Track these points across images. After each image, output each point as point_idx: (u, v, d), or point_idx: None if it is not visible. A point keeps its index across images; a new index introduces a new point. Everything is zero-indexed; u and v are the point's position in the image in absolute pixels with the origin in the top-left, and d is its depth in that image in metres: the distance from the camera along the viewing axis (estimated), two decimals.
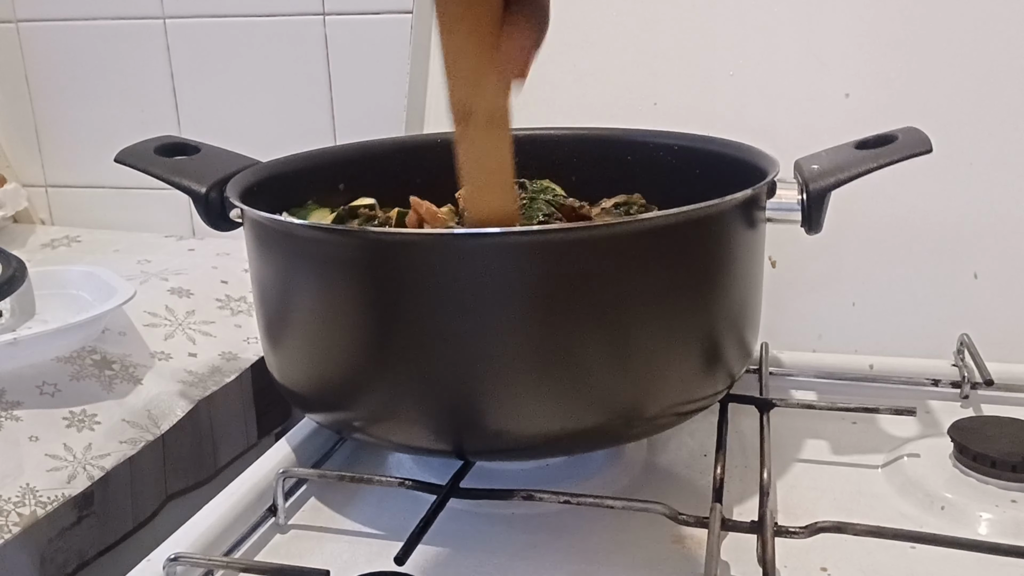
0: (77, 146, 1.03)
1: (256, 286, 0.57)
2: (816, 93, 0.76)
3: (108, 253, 0.92)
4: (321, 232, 0.51)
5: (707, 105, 0.78)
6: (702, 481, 0.58)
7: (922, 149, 0.56)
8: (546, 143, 0.71)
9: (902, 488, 0.55)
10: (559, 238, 0.49)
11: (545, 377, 0.49)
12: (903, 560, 0.48)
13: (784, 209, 0.57)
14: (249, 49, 0.94)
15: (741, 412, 0.61)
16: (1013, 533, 0.50)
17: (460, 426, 0.51)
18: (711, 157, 0.64)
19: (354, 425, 0.54)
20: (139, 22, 0.97)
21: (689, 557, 0.50)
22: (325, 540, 0.53)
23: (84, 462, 0.59)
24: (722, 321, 0.54)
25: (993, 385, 0.64)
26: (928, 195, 0.73)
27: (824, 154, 0.60)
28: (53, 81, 1.02)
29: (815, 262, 0.74)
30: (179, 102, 0.99)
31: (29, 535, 0.55)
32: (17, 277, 0.64)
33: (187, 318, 0.76)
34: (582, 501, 0.51)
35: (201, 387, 0.70)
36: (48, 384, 0.63)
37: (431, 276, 0.48)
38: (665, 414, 0.53)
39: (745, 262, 0.56)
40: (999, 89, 0.72)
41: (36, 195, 1.06)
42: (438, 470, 0.57)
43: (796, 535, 0.48)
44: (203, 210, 0.60)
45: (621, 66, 0.80)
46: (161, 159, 0.63)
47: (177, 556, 0.47)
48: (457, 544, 0.52)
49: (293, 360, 0.55)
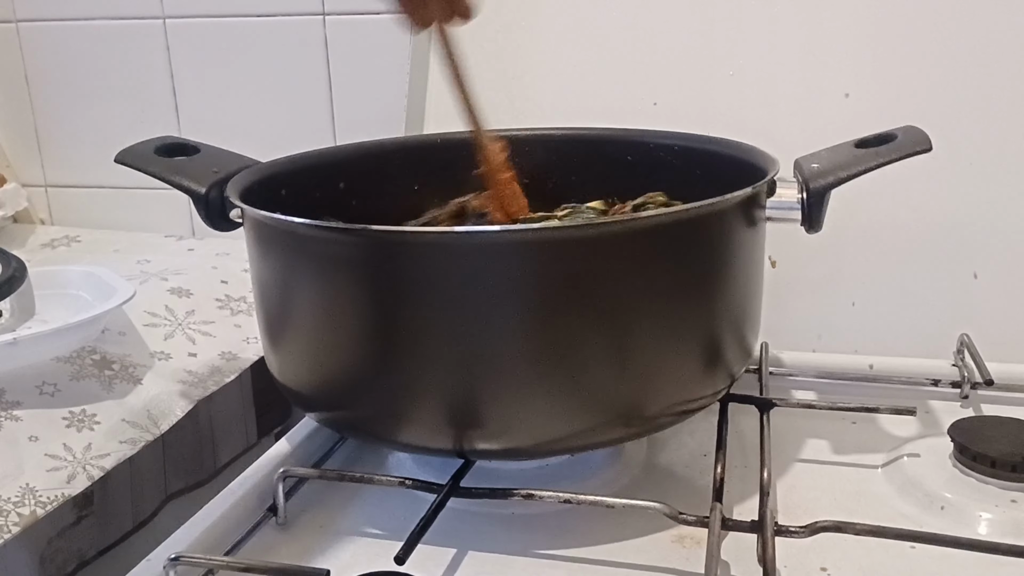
0: (77, 146, 1.03)
1: (256, 286, 0.57)
2: (816, 93, 0.76)
3: (108, 253, 0.92)
4: (321, 231, 0.51)
5: (707, 105, 0.78)
6: (702, 481, 0.58)
7: (922, 148, 0.56)
8: (546, 143, 0.71)
9: (902, 488, 0.55)
10: (559, 236, 0.49)
11: (545, 376, 0.49)
12: (903, 560, 0.48)
13: (784, 208, 0.57)
14: (249, 49, 0.94)
15: (741, 412, 0.61)
16: (1013, 533, 0.50)
17: (460, 425, 0.51)
18: (711, 157, 0.64)
19: (354, 424, 0.54)
20: (139, 22, 0.97)
21: (689, 557, 0.50)
22: (325, 540, 0.53)
23: (84, 462, 0.59)
24: (722, 321, 0.54)
25: (993, 385, 0.64)
26: (928, 195, 0.73)
27: (824, 153, 0.60)
28: (53, 81, 1.02)
29: (815, 262, 0.74)
30: (179, 102, 0.99)
31: (29, 535, 0.55)
32: (17, 277, 0.64)
33: (187, 318, 0.76)
34: (582, 501, 0.51)
35: (201, 387, 0.70)
36: (48, 384, 0.63)
37: (431, 275, 0.48)
38: (665, 413, 0.53)
39: (745, 262, 0.56)
40: (999, 89, 0.72)
41: (36, 195, 1.06)
42: (438, 469, 0.57)
43: (796, 535, 0.48)
44: (203, 210, 0.60)
45: (621, 66, 0.80)
46: (161, 159, 0.63)
47: (177, 556, 0.47)
48: (457, 544, 0.52)
49: (293, 359, 0.55)
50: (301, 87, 0.94)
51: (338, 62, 0.92)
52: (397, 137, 0.78)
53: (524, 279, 0.48)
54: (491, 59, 0.83)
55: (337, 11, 0.91)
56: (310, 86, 0.94)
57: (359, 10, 0.90)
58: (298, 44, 0.93)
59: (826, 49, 0.76)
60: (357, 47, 0.91)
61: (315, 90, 0.94)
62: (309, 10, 0.92)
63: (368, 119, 0.92)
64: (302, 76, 0.94)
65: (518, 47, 0.82)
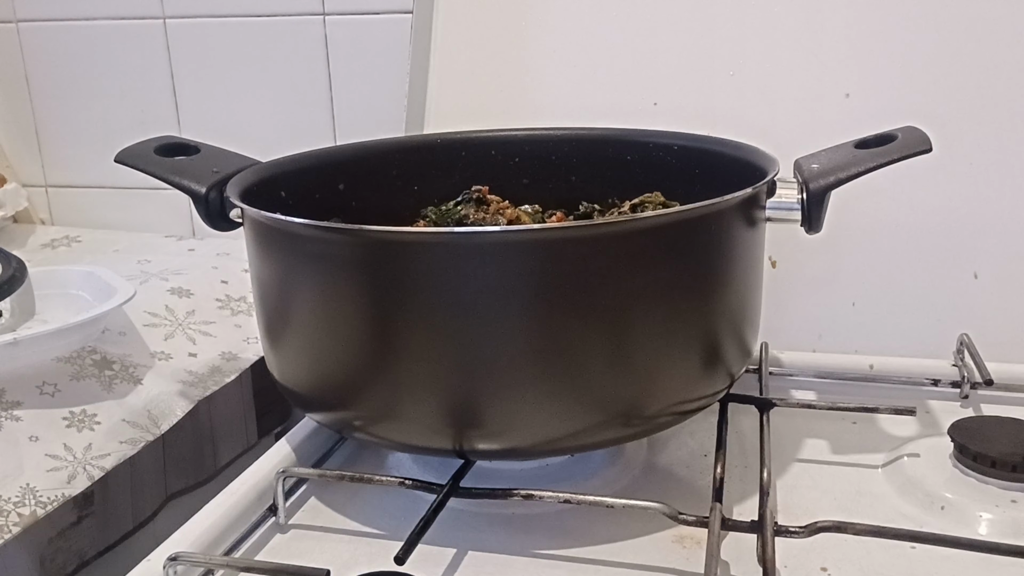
0: (77, 146, 1.03)
1: (256, 286, 0.57)
2: (816, 93, 0.76)
3: (108, 253, 0.92)
4: (321, 231, 0.51)
5: (707, 105, 0.78)
6: (702, 481, 0.58)
7: (922, 148, 0.56)
8: (546, 143, 0.71)
9: (902, 488, 0.55)
10: (559, 237, 0.49)
11: (545, 376, 0.49)
12: (903, 560, 0.48)
13: (784, 208, 0.57)
14: (249, 49, 0.94)
15: (741, 412, 0.61)
16: (1013, 533, 0.50)
17: (460, 425, 0.51)
18: (711, 157, 0.64)
19: (354, 424, 0.54)
20: (139, 22, 0.97)
21: (689, 557, 0.50)
22: (325, 540, 0.53)
23: (84, 462, 0.59)
24: (722, 321, 0.54)
25: (993, 385, 0.64)
26: (928, 195, 0.73)
27: (824, 153, 0.60)
28: (53, 81, 1.02)
29: (815, 262, 0.74)
30: (179, 102, 0.99)
31: (29, 535, 0.55)
32: (17, 277, 0.64)
33: (187, 318, 0.76)
34: (582, 501, 0.51)
35: (201, 387, 0.70)
36: (48, 384, 0.63)
37: (431, 275, 0.48)
38: (665, 413, 0.53)
39: (745, 262, 0.56)
40: (999, 89, 0.72)
41: (36, 195, 1.06)
42: (438, 469, 0.57)
43: (796, 535, 0.48)
44: (203, 210, 0.60)
45: (621, 66, 0.80)
46: (161, 159, 0.63)
47: (177, 556, 0.47)
48: (457, 544, 0.52)
49: (293, 360, 0.55)
50: (301, 87, 0.94)
51: (338, 62, 0.92)
52: (397, 137, 0.78)
53: (524, 279, 0.48)
54: (491, 59, 0.83)
55: (337, 11, 0.91)
56: (310, 86, 0.94)
57: (359, 10, 0.90)
58: (298, 44, 0.93)
59: (826, 49, 0.76)
60: (357, 47, 0.91)
61: (315, 90, 0.94)
62: (309, 10, 0.92)
63: (368, 119, 0.92)
64: (302, 76, 0.94)
65: (518, 47, 0.82)
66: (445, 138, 0.72)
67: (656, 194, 0.64)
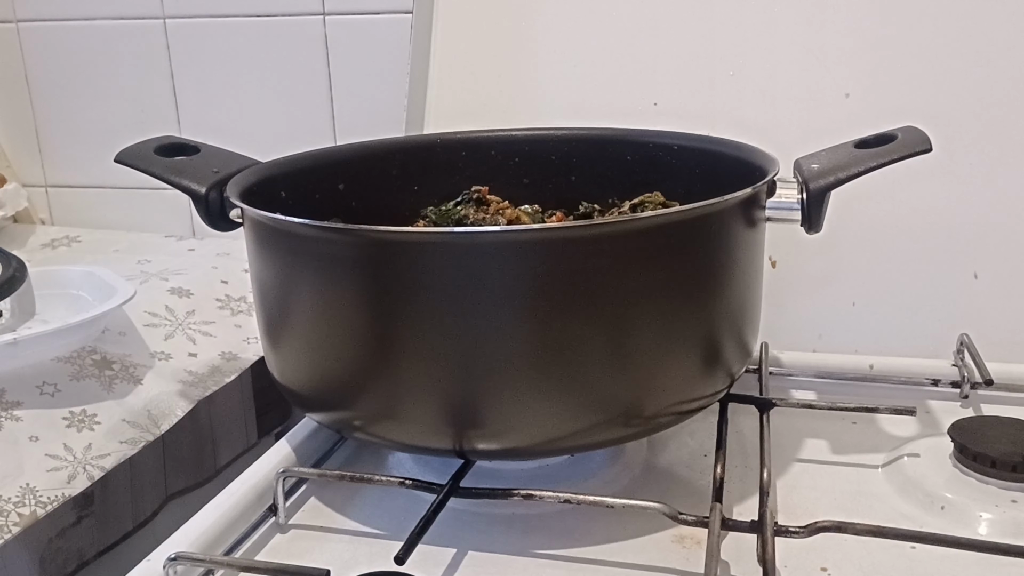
0: (77, 146, 1.03)
1: (256, 286, 0.57)
2: (816, 93, 0.76)
3: (108, 253, 0.92)
4: (321, 231, 0.51)
5: (707, 105, 0.78)
6: (702, 481, 0.58)
7: (922, 148, 0.56)
8: (546, 143, 0.71)
9: (902, 488, 0.55)
10: (559, 236, 0.49)
11: (544, 376, 0.49)
12: (903, 560, 0.48)
13: (784, 208, 0.57)
14: (249, 49, 0.94)
15: (741, 412, 0.61)
16: (1013, 533, 0.50)
17: (460, 425, 0.51)
18: (711, 157, 0.64)
19: (354, 424, 0.54)
20: (139, 22, 0.97)
21: (689, 557, 0.50)
22: (325, 540, 0.53)
23: (84, 462, 0.59)
24: (722, 321, 0.54)
25: (993, 385, 0.64)
26: (928, 195, 0.73)
27: (824, 153, 0.60)
28: (53, 81, 1.02)
29: (815, 262, 0.74)
30: (179, 102, 0.99)
31: (29, 535, 0.55)
32: (17, 277, 0.64)
33: (187, 318, 0.76)
34: (582, 501, 0.51)
35: (201, 387, 0.70)
36: (48, 384, 0.63)
37: (431, 275, 0.48)
38: (665, 413, 0.53)
39: (745, 262, 0.56)
40: (999, 89, 0.72)
41: (36, 195, 1.06)
42: (438, 469, 0.57)
43: (796, 535, 0.48)
44: (203, 210, 0.60)
45: (621, 66, 0.80)
46: (161, 159, 0.63)
47: (177, 556, 0.47)
48: (457, 544, 0.52)
49: (293, 360, 0.55)
50: (301, 87, 0.94)
51: (338, 62, 0.92)
52: (397, 137, 0.78)
53: (524, 279, 0.48)
54: (491, 59, 0.83)
55: (337, 11, 0.91)
56: (310, 86, 0.94)
57: (359, 10, 0.90)
58: (298, 44, 0.93)
59: (826, 49, 0.76)
60: (357, 47, 0.91)
61: (315, 90, 0.94)
62: (309, 10, 0.92)
63: (368, 119, 0.92)
64: (302, 76, 0.94)
65: (518, 48, 0.82)
66: (445, 138, 0.72)
67: (656, 194, 0.64)
